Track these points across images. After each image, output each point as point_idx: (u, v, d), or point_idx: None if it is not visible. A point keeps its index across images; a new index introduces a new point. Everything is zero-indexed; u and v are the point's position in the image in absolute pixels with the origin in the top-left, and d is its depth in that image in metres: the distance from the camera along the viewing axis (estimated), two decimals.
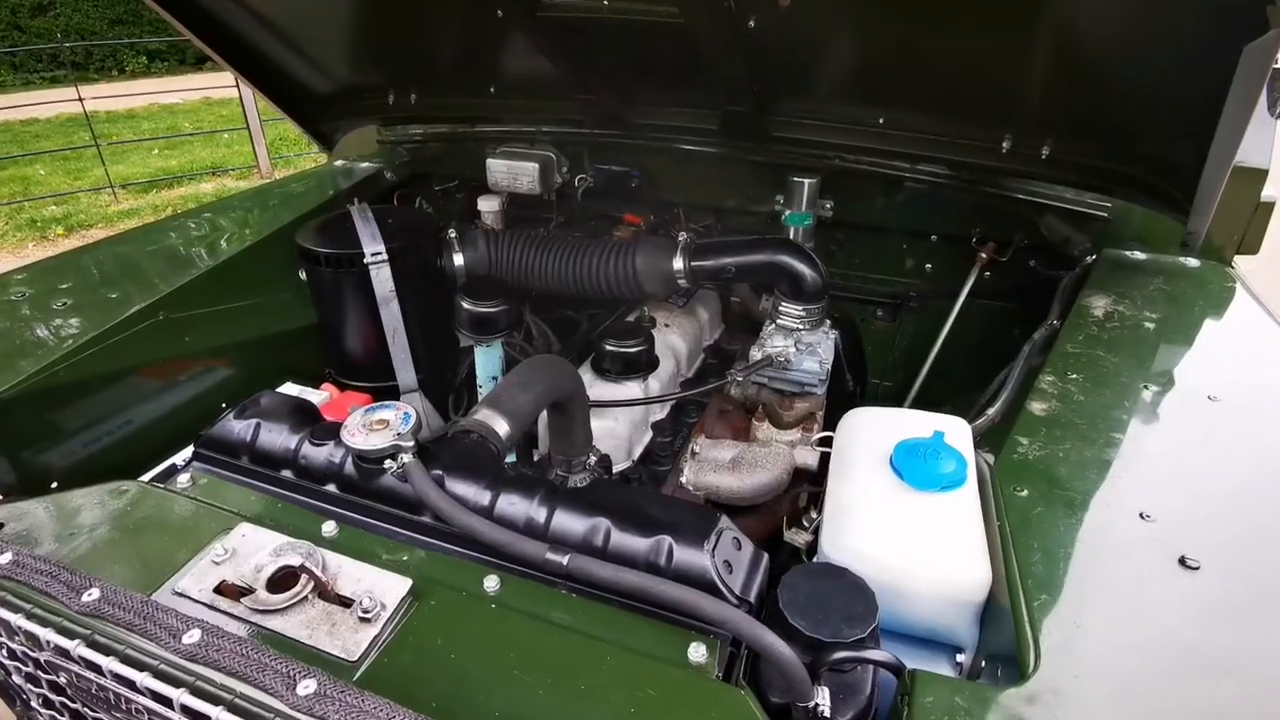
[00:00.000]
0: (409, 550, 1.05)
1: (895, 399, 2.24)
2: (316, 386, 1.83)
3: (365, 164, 2.68)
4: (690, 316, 2.20)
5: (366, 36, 2.24)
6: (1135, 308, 1.65)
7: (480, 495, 1.07)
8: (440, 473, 1.09)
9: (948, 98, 1.82)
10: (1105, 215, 1.94)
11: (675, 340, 2.05)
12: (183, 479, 1.18)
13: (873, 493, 1.15)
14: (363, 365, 1.98)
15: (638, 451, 1.82)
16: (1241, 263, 1.97)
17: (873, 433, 1.30)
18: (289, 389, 1.79)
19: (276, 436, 1.19)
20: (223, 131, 11.02)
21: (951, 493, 1.15)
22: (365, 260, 1.80)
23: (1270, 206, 1.95)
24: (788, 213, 2.19)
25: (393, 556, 1.03)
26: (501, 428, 1.19)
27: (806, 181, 2.14)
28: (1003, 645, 1.01)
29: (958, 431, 1.29)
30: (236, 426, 1.22)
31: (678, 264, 1.90)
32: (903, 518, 1.11)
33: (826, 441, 1.68)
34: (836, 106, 1.95)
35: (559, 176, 2.46)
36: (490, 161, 2.39)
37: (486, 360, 1.88)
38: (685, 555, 0.97)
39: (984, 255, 2.13)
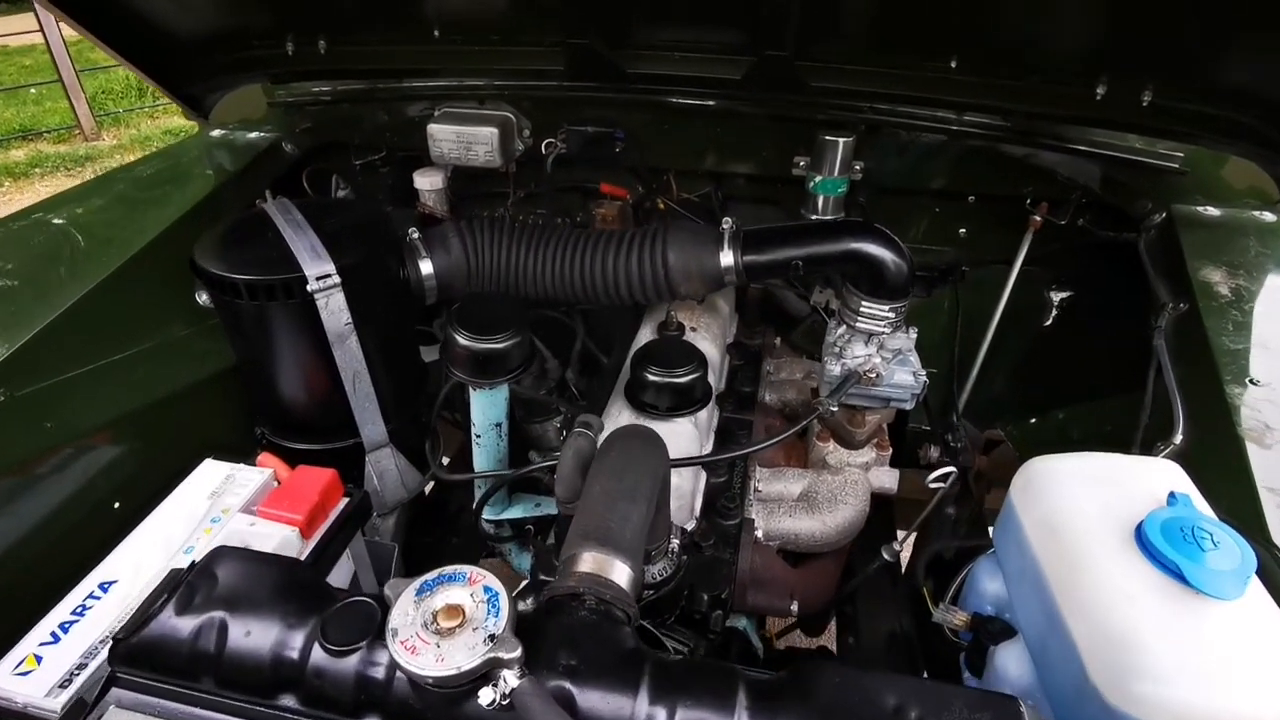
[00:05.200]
0: None
1: (941, 389, 1.94)
2: (248, 459, 1.33)
3: (255, 133, 2.06)
4: (714, 314, 1.80)
5: None
6: (1253, 279, 1.43)
7: (647, 715, 0.66)
8: (566, 685, 0.67)
9: (1041, 32, 1.48)
10: (1179, 167, 1.69)
11: (708, 347, 1.64)
12: None
13: (1149, 608, 0.83)
14: (311, 422, 1.46)
15: (699, 505, 1.44)
16: None
17: (1083, 497, 0.97)
18: (211, 469, 1.30)
19: (259, 639, 0.72)
20: (28, 86, 9.28)
21: (1245, 594, 0.84)
22: (309, 287, 1.27)
23: None
24: (817, 178, 1.81)
25: None
26: (623, 576, 0.77)
27: (841, 140, 1.76)
28: None
29: (1179, 483, 0.99)
30: (183, 626, 0.73)
31: (725, 259, 1.49)
32: (1211, 645, 0.79)
33: (947, 477, 1.37)
34: (901, 50, 1.57)
35: (520, 142, 1.97)
36: (433, 127, 1.87)
37: (488, 406, 1.41)
38: None
39: (1038, 218, 1.85)
